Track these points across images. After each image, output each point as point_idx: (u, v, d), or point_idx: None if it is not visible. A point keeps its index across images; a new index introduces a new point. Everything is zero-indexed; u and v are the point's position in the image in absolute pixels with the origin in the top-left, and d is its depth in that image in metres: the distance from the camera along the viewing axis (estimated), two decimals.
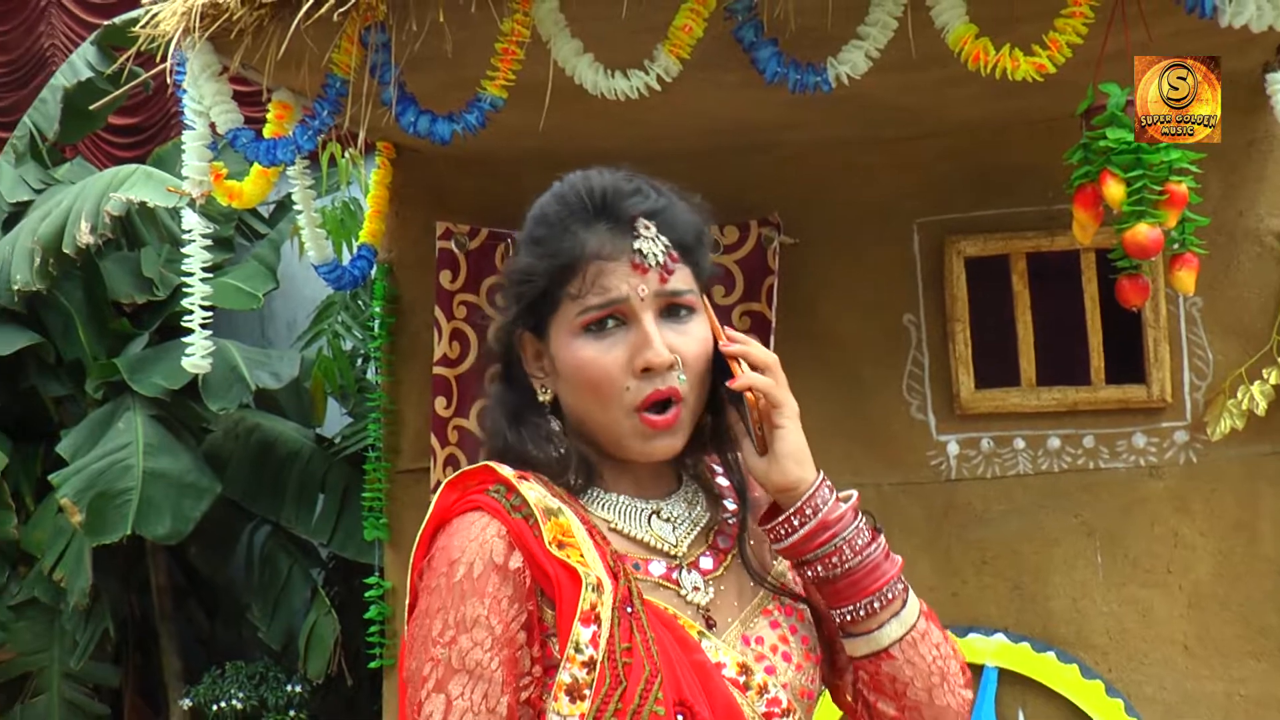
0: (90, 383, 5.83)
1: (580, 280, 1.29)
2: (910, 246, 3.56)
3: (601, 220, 1.30)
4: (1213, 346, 3.36)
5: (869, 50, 2.47)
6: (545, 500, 1.28)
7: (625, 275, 1.28)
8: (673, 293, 1.30)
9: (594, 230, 1.30)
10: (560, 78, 2.55)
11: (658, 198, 1.33)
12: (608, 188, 1.32)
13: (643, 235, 1.29)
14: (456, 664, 1.21)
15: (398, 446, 3.83)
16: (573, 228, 1.31)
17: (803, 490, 1.31)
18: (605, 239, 1.29)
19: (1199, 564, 3.37)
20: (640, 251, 1.28)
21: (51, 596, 5.70)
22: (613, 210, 1.31)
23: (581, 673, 1.21)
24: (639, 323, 1.28)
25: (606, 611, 1.23)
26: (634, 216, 1.30)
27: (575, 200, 1.32)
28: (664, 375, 1.28)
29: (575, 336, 1.29)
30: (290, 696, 5.68)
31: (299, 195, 3.55)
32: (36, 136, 6.22)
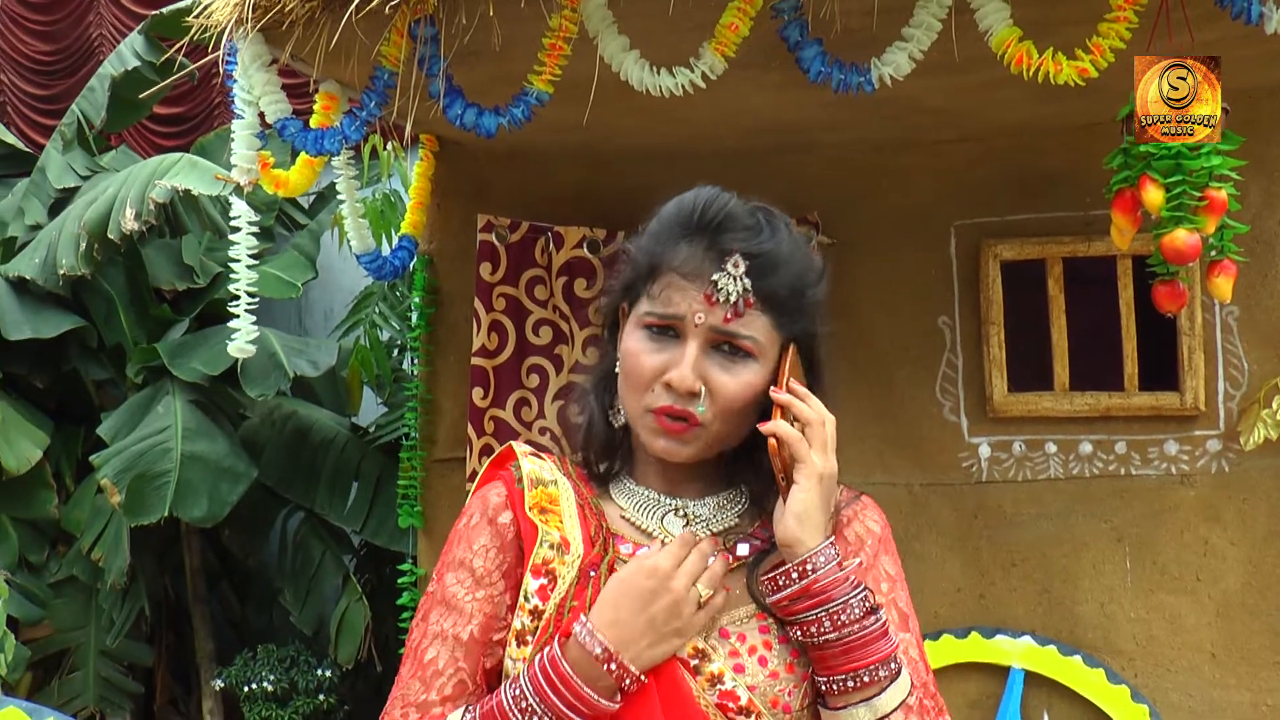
0: (131, 367, 5.92)
1: (656, 285, 1.35)
2: (947, 249, 3.57)
3: (701, 240, 1.34)
4: (1248, 355, 3.36)
5: (912, 52, 2.49)
6: (540, 473, 1.42)
7: (693, 299, 1.32)
8: (730, 334, 1.33)
9: (691, 246, 1.34)
10: (605, 74, 2.58)
11: (768, 240, 1.34)
12: (724, 214, 1.35)
13: (728, 272, 1.32)
14: (440, 597, 1.38)
15: (434, 436, 3.88)
16: (675, 235, 1.36)
17: (798, 552, 1.29)
18: (694, 258, 1.33)
19: (1229, 573, 3.37)
20: (716, 284, 1.32)
21: (89, 575, 5.80)
22: (716, 236, 1.34)
23: (528, 620, 1.33)
24: (684, 344, 1.33)
25: (567, 571, 1.33)
26: (731, 250, 1.33)
27: (690, 211, 1.36)
28: (683, 398, 1.32)
29: (637, 328, 1.37)
30: (320, 680, 5.75)
31: (343, 185, 3.61)
32: (84, 124, 6.32)
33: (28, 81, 7.42)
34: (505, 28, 2.54)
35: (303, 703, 5.71)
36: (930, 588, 3.54)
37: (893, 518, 3.88)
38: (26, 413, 5.91)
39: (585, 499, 1.41)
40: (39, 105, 7.37)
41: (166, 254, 6.23)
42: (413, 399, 3.89)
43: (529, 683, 1.27)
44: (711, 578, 1.31)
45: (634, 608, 1.27)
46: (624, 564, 1.34)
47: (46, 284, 5.73)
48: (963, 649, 3.47)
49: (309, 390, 6.34)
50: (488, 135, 2.69)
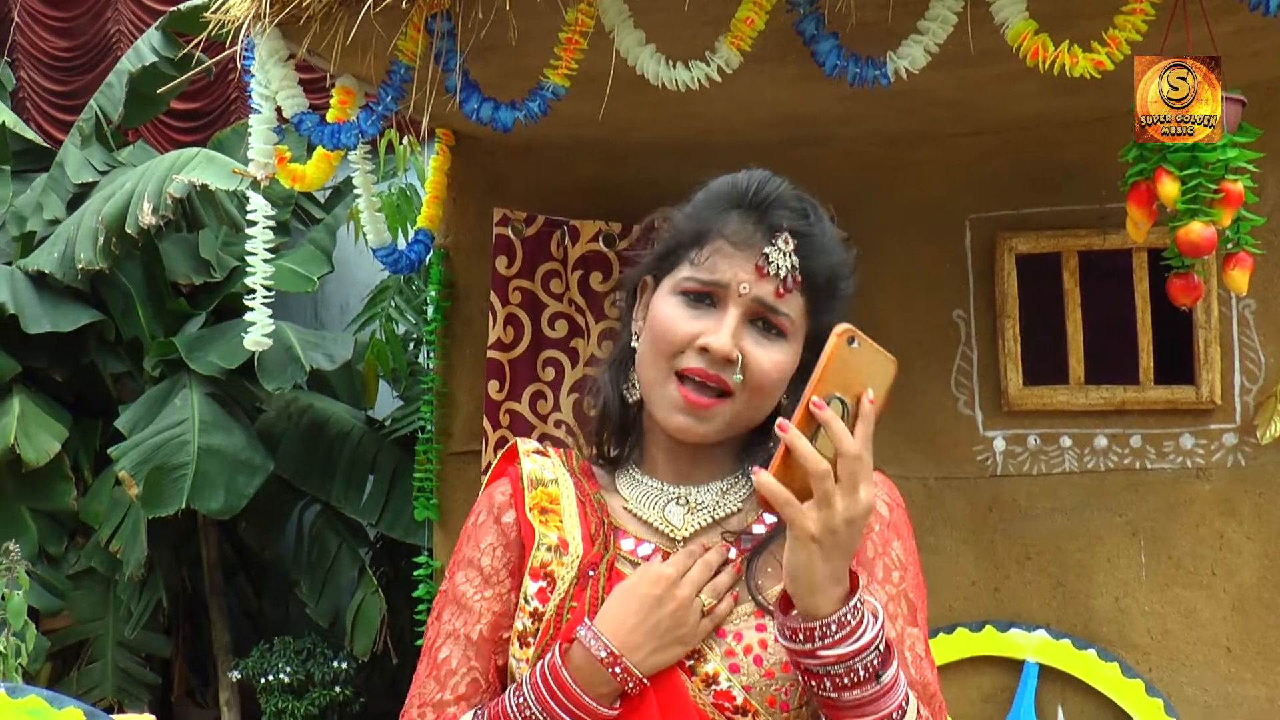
0: (148, 360, 5.96)
1: (703, 251, 1.34)
2: (962, 242, 3.57)
3: (752, 214, 1.34)
4: (1265, 349, 3.35)
5: (928, 45, 2.49)
6: (540, 473, 1.42)
7: (741, 268, 1.31)
8: (772, 309, 1.31)
9: (741, 218, 1.34)
10: (621, 68, 2.59)
11: (815, 225, 1.34)
12: (776, 193, 1.35)
13: (779, 247, 1.32)
14: (451, 596, 1.39)
15: (449, 429, 3.89)
16: (726, 207, 1.35)
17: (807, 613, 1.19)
18: (745, 229, 1.33)
19: (1244, 567, 3.36)
20: (768, 257, 1.31)
21: (108, 567, 5.84)
22: (768, 212, 1.33)
23: (529, 622, 1.33)
24: (724, 312, 1.32)
25: (565, 572, 1.33)
26: (781, 227, 1.32)
27: (743, 187, 1.36)
28: (718, 364, 1.30)
29: (672, 294, 1.35)
30: (336, 673, 5.78)
31: (359, 179, 3.62)
32: (102, 120, 6.35)
33: (46, 77, 7.46)
34: (521, 22, 2.55)
35: (319, 694, 5.74)
36: (945, 581, 3.54)
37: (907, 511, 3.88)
38: (45, 405, 5.95)
39: (587, 495, 1.40)
40: (57, 101, 7.41)
41: (183, 248, 6.26)
42: (428, 392, 3.91)
43: (530, 689, 1.27)
44: (716, 588, 1.30)
45: (639, 614, 1.27)
46: (624, 560, 1.34)
47: (65, 278, 5.77)
48: (977, 642, 3.47)
49: (325, 384, 6.37)
50: (504, 129, 2.70)
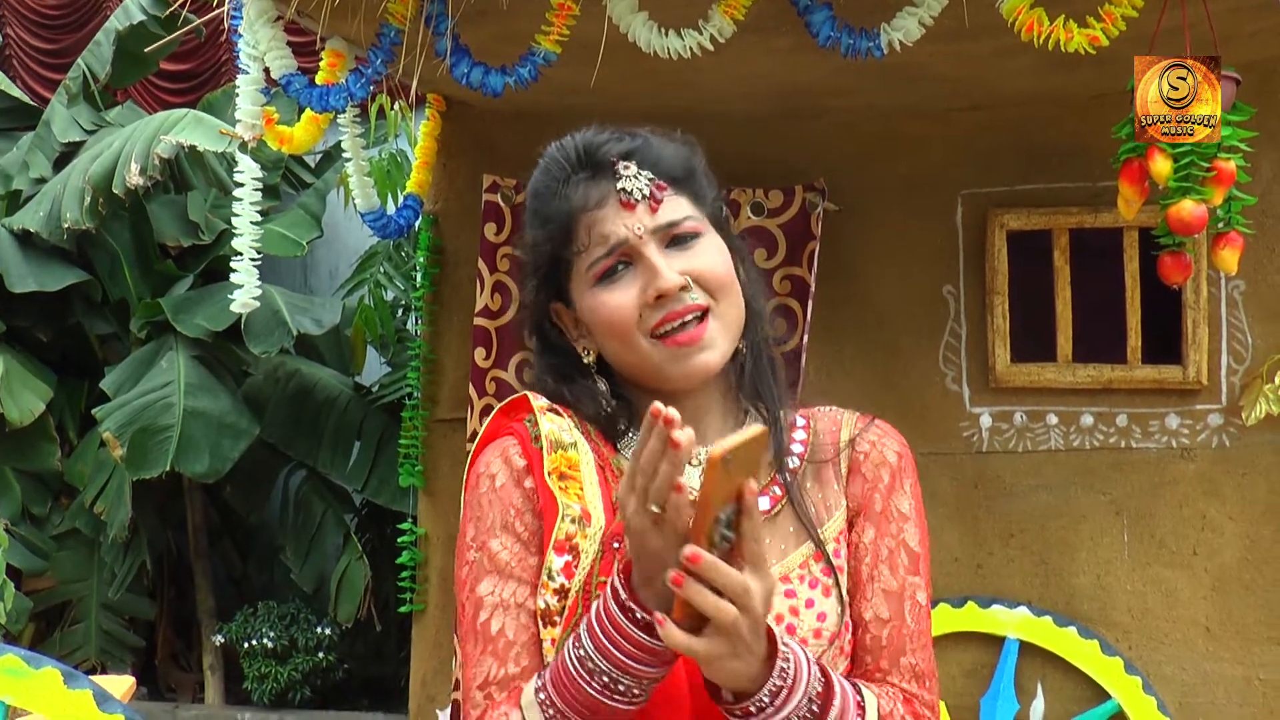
0: (135, 322, 5.94)
1: (579, 237, 1.31)
2: (954, 218, 3.56)
3: (582, 173, 1.32)
4: (1253, 330, 3.35)
5: (923, 17, 2.47)
6: (559, 434, 1.33)
7: (618, 217, 1.30)
8: (669, 223, 1.31)
9: (577, 185, 1.32)
10: (613, 35, 2.57)
11: (632, 139, 1.35)
12: (581, 143, 1.34)
13: (623, 175, 1.31)
14: (488, 565, 1.30)
15: (436, 396, 3.88)
16: (559, 190, 1.33)
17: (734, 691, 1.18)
18: (589, 190, 1.31)
19: (1226, 547, 3.38)
20: (624, 190, 1.30)
21: (92, 528, 5.84)
22: (591, 161, 1.33)
23: (553, 599, 1.27)
24: (644, 258, 1.30)
25: (589, 545, 1.27)
26: (612, 161, 1.32)
27: (555, 164, 1.35)
28: (678, 298, 1.29)
29: (591, 289, 1.32)
30: (320, 638, 5.80)
31: (349, 143, 3.59)
32: (89, 78, 6.30)
33: (34, 35, 7.38)
34: None
35: (302, 660, 5.76)
36: None
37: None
38: (30, 365, 5.93)
39: (606, 460, 1.35)
40: (45, 59, 7.34)
41: (172, 210, 6.23)
42: (416, 359, 3.89)
43: (589, 638, 1.19)
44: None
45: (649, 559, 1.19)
46: None
47: (51, 237, 5.74)
48: (959, 618, 3.49)
49: (313, 349, 6.36)
50: (494, 95, 2.68)
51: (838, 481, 1.38)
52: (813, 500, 1.35)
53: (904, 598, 1.33)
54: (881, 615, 1.32)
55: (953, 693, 3.50)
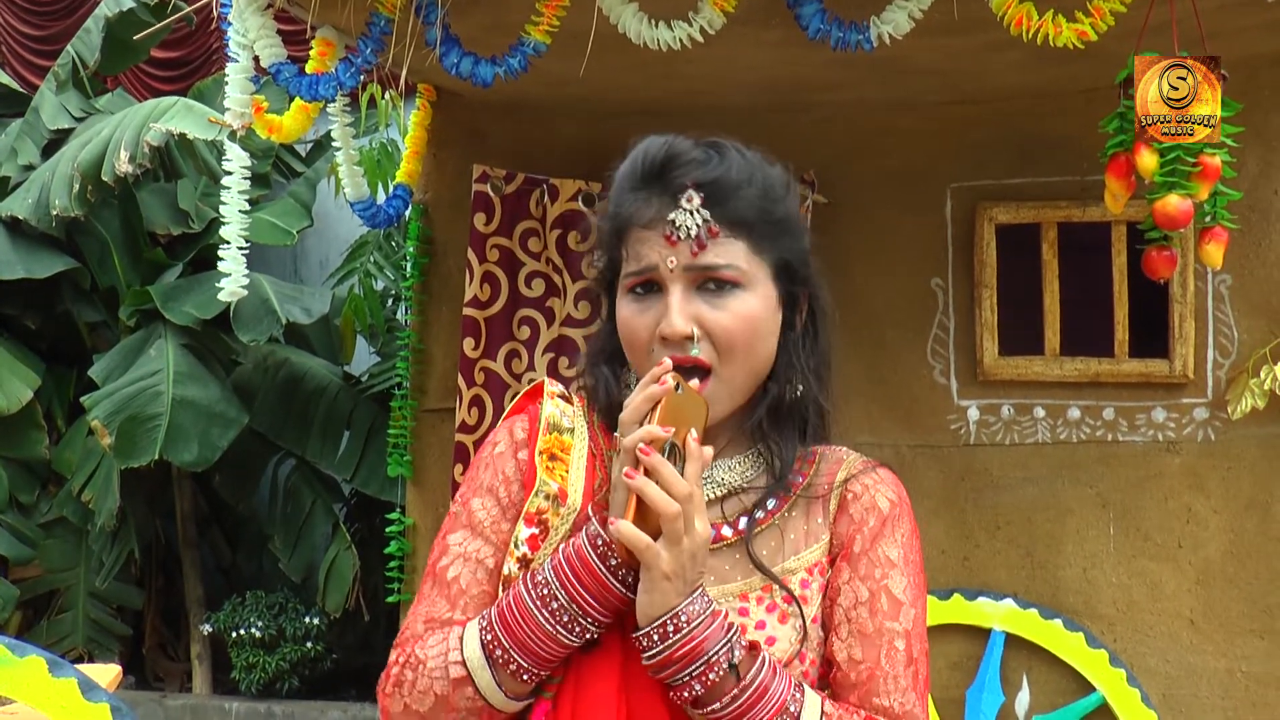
0: (124, 310, 5.92)
1: (625, 246, 1.33)
2: (943, 211, 3.57)
3: (650, 188, 1.31)
4: (1239, 324, 3.37)
5: (912, 11, 2.48)
6: (559, 419, 1.39)
7: (658, 245, 1.29)
8: (705, 267, 1.28)
9: (641, 198, 1.31)
10: (603, 26, 2.57)
11: (718, 166, 1.30)
12: (663, 155, 1.31)
13: (683, 207, 1.28)
14: (465, 520, 1.37)
15: (425, 386, 3.88)
16: (627, 194, 1.33)
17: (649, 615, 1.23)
18: (647, 207, 1.30)
19: (1210, 541, 3.40)
20: (673, 223, 1.28)
21: (80, 517, 5.83)
22: (663, 178, 1.30)
23: (515, 567, 1.32)
24: (665, 294, 1.30)
25: (560, 523, 1.32)
26: (684, 186, 1.29)
27: (634, 165, 1.34)
28: (681, 345, 1.28)
29: (624, 295, 1.34)
30: (308, 628, 5.79)
31: (338, 132, 3.59)
32: (79, 65, 6.28)
33: (23, 21, 7.35)
34: None
35: (290, 649, 5.75)
36: None
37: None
38: (18, 353, 5.91)
39: (600, 450, 1.37)
40: (34, 46, 7.31)
41: (161, 198, 6.21)
42: (405, 349, 3.89)
43: (552, 572, 1.25)
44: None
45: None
46: None
47: (39, 224, 5.71)
48: (945, 610, 3.50)
49: (302, 338, 6.35)
50: (484, 85, 2.68)
51: (824, 516, 1.36)
52: (793, 529, 1.35)
53: (880, 642, 1.31)
54: (855, 656, 1.31)
55: (939, 685, 3.52)
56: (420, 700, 1.29)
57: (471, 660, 1.27)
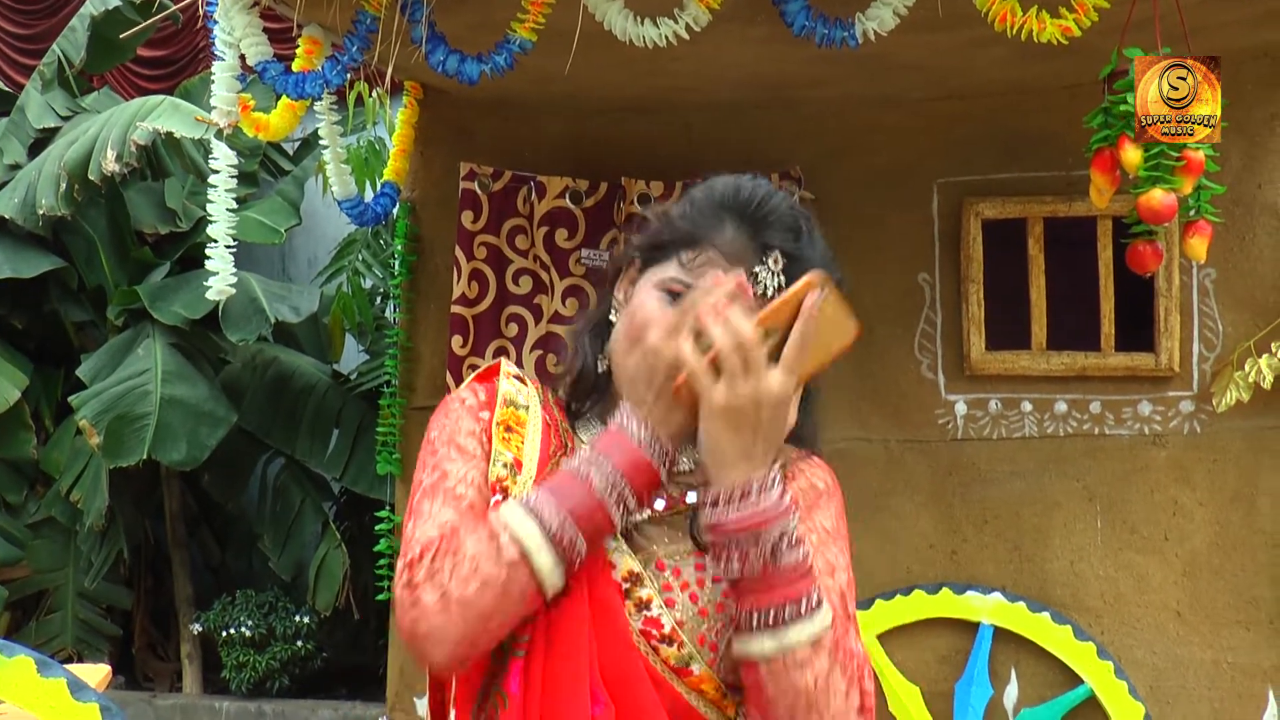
0: (111, 309, 5.91)
1: (696, 256, 1.35)
2: (929, 206, 3.58)
3: (747, 227, 1.35)
4: (1223, 318, 3.39)
5: (897, 7, 2.49)
6: (515, 395, 1.43)
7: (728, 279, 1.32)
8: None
9: (737, 229, 1.35)
10: (589, 23, 2.57)
11: (807, 246, 1.36)
12: (775, 208, 1.35)
13: (769, 267, 1.33)
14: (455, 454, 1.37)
15: (413, 383, 3.89)
16: (724, 213, 1.36)
17: (716, 485, 1.27)
18: (739, 243, 1.34)
19: (1196, 533, 3.42)
20: (756, 276, 1.33)
21: (68, 517, 5.81)
22: (763, 227, 1.34)
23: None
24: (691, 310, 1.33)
25: (519, 490, 1.35)
26: (774, 245, 1.34)
27: (744, 197, 1.36)
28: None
29: (655, 287, 1.36)
30: (298, 627, 5.79)
31: (325, 130, 3.59)
32: (65, 64, 6.26)
33: (8, 20, 7.32)
34: None
35: (280, 648, 5.75)
36: (903, 544, 3.58)
37: (868, 474, 3.89)
38: (5, 353, 5.89)
39: (555, 421, 1.43)
40: (19, 44, 7.28)
41: (149, 197, 6.20)
42: (393, 346, 3.89)
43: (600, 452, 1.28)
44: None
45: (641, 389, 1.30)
46: None
47: (26, 224, 5.69)
48: (933, 604, 3.51)
49: (291, 336, 6.34)
50: (470, 82, 2.68)
51: None
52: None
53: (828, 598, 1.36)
54: None
55: (927, 678, 3.53)
56: (463, 585, 1.23)
57: (529, 540, 1.25)
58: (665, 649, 1.32)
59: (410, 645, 1.26)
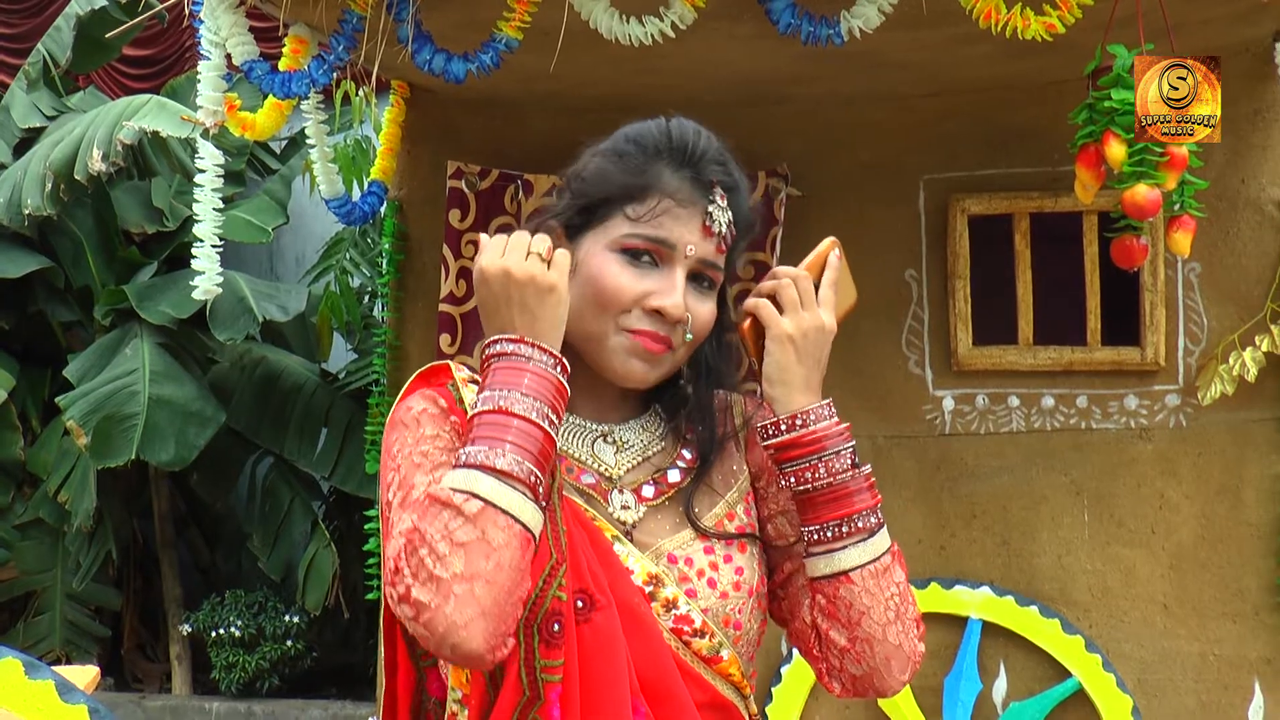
0: (99, 309, 5.89)
1: (646, 208, 1.35)
2: (916, 202, 3.59)
3: (686, 170, 1.37)
4: (1208, 312, 3.40)
5: (882, 5, 2.49)
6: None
7: (689, 227, 1.35)
8: (712, 264, 1.37)
9: (678, 175, 1.36)
10: (575, 22, 2.58)
11: (735, 172, 1.40)
12: (705, 147, 1.38)
13: (718, 204, 1.36)
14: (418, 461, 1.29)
15: (401, 382, 3.85)
16: (659, 161, 1.37)
17: (787, 408, 1.36)
18: (685, 187, 1.36)
19: (1183, 526, 3.43)
20: (712, 216, 1.36)
21: (56, 518, 5.79)
22: (698, 167, 1.37)
23: None
24: (671, 271, 1.35)
25: None
26: (714, 182, 1.37)
27: (674, 140, 1.38)
28: (670, 327, 1.34)
29: (610, 250, 1.35)
30: (288, 627, 5.78)
31: (313, 129, 3.59)
32: (50, 63, 6.24)
33: None
34: None
35: (270, 648, 5.74)
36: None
37: None
38: None
39: None
40: (4, 44, 7.25)
41: (135, 196, 6.18)
42: (381, 345, 3.89)
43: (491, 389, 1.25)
44: (540, 241, 1.30)
45: (500, 308, 1.28)
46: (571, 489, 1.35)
47: (12, 224, 5.68)
48: (922, 599, 3.52)
49: (279, 336, 6.34)
50: (456, 81, 2.68)
51: (739, 451, 1.47)
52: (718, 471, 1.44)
53: None
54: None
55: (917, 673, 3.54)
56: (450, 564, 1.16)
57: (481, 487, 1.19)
58: (697, 642, 1.34)
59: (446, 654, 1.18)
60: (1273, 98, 3.32)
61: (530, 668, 1.24)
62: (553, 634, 1.25)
